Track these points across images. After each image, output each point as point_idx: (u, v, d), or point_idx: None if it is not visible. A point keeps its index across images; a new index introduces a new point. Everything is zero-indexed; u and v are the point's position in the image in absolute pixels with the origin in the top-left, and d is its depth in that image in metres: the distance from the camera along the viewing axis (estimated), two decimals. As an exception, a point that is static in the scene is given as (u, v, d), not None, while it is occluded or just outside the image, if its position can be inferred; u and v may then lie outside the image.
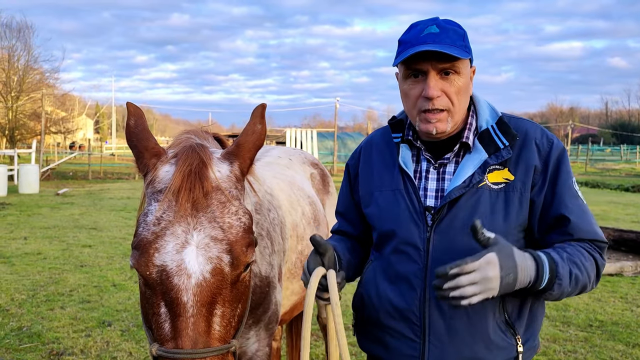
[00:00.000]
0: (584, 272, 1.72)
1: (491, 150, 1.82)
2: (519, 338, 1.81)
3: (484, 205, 1.78)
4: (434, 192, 1.86)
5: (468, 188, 1.78)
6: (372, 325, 1.96)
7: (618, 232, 9.68)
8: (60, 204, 15.43)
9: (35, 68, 33.40)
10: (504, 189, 1.79)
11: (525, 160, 1.81)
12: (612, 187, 22.85)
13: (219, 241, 1.56)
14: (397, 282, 1.86)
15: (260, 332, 2.43)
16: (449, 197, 1.79)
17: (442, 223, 1.81)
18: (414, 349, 1.83)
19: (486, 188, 1.79)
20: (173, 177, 1.61)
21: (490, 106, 1.92)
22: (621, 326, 5.63)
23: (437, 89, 1.76)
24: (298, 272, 2.85)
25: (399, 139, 1.95)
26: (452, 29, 1.79)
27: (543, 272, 1.64)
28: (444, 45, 1.72)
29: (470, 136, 1.86)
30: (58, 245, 9.47)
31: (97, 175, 26.73)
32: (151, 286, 1.55)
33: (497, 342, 1.79)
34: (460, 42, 1.77)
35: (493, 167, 1.81)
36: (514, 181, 1.80)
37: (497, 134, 1.84)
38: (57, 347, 4.94)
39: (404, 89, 1.86)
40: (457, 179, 1.81)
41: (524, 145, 1.83)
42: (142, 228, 1.58)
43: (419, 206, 1.85)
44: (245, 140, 1.78)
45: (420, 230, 1.83)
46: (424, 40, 1.75)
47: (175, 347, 1.49)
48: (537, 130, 1.87)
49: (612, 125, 74.01)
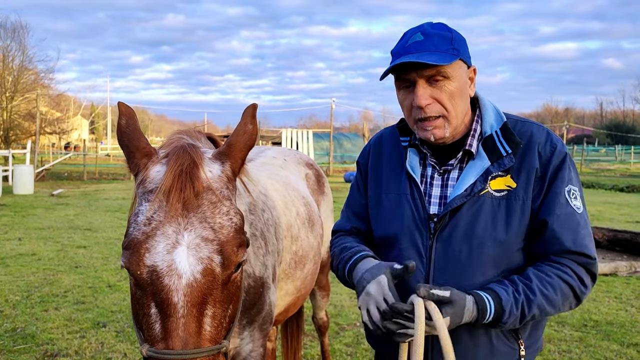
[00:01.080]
0: (544, 301, 1.71)
1: (494, 158, 1.81)
2: (521, 342, 1.82)
3: (485, 213, 1.78)
4: (438, 198, 1.86)
5: (470, 197, 1.78)
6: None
7: (612, 232, 9.72)
8: (55, 204, 15.38)
9: (30, 68, 33.18)
10: (506, 197, 1.78)
11: (528, 167, 1.80)
12: (606, 188, 22.94)
13: (210, 241, 1.55)
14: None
15: (254, 332, 2.43)
16: (450, 206, 1.79)
17: (444, 231, 1.81)
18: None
19: (488, 196, 1.78)
20: (164, 177, 1.61)
21: (495, 109, 1.90)
22: (616, 326, 5.65)
23: (426, 97, 1.75)
24: (292, 273, 2.84)
25: (407, 143, 1.95)
26: (437, 34, 1.77)
27: (486, 310, 1.67)
28: (424, 53, 1.72)
29: (474, 143, 1.85)
30: (53, 246, 9.43)
31: (92, 176, 26.65)
32: (142, 286, 1.54)
33: (499, 348, 1.80)
34: (447, 46, 1.75)
35: (495, 174, 1.80)
36: (516, 189, 1.79)
37: (500, 141, 1.82)
38: (52, 348, 4.92)
39: (399, 99, 1.87)
40: (459, 187, 1.80)
41: (527, 151, 1.81)
42: (132, 228, 1.57)
43: (423, 213, 1.85)
44: (236, 140, 1.78)
45: (423, 237, 1.83)
46: (408, 50, 1.75)
47: (165, 348, 1.48)
48: (542, 135, 1.84)
49: (607, 126, 74.15)
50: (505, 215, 1.77)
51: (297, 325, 4.24)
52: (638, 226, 11.91)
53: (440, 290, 1.63)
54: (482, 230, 1.76)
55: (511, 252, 1.79)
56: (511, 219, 1.77)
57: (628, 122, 77.02)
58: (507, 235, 1.76)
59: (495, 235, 1.75)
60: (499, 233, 1.76)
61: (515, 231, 1.77)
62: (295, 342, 4.24)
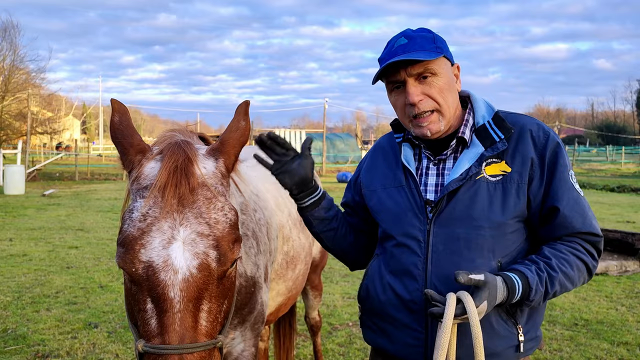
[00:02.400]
0: (563, 277, 1.81)
1: (487, 143, 1.88)
2: (520, 327, 1.87)
3: (481, 196, 1.84)
4: (434, 186, 1.93)
5: (465, 180, 1.84)
6: (376, 316, 2.01)
7: (603, 232, 9.69)
8: (47, 205, 15.30)
9: (21, 68, 32.98)
10: (502, 181, 1.85)
11: (522, 152, 1.87)
12: (597, 188, 23.07)
13: (206, 237, 1.56)
14: (400, 274, 1.92)
15: (246, 332, 2.43)
16: (446, 189, 1.86)
17: (441, 215, 1.87)
18: (417, 339, 1.88)
19: (484, 180, 1.85)
20: (159, 174, 1.61)
21: (487, 103, 2.00)
22: (606, 325, 5.69)
23: (418, 94, 1.86)
24: (284, 273, 2.85)
25: (401, 138, 2.04)
26: (420, 36, 1.89)
27: (515, 290, 1.75)
28: (411, 52, 1.83)
29: (467, 132, 1.93)
30: (44, 247, 9.38)
31: (84, 176, 26.52)
32: (137, 282, 1.55)
33: (498, 331, 1.84)
34: (430, 45, 1.87)
35: (490, 160, 1.87)
36: (511, 173, 1.86)
37: (492, 128, 1.91)
38: (43, 349, 4.89)
39: (391, 101, 1.96)
40: (454, 172, 1.87)
41: (520, 137, 1.89)
42: (127, 224, 1.58)
43: (419, 200, 1.92)
44: (229, 136, 1.79)
45: (421, 222, 1.90)
46: (394, 53, 1.87)
47: (162, 343, 1.49)
48: (533, 124, 1.94)
49: (598, 127, 74.66)
50: (502, 197, 1.84)
51: (289, 325, 4.25)
52: (629, 226, 12.00)
53: (475, 274, 1.70)
54: (479, 212, 1.83)
55: (506, 234, 1.86)
56: (507, 201, 1.84)
57: (619, 122, 77.60)
58: (504, 217, 1.83)
59: (492, 217, 1.82)
60: (496, 215, 1.83)
61: (511, 213, 1.84)
62: (288, 342, 4.25)
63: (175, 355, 1.48)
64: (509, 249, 1.87)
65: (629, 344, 5.17)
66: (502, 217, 1.83)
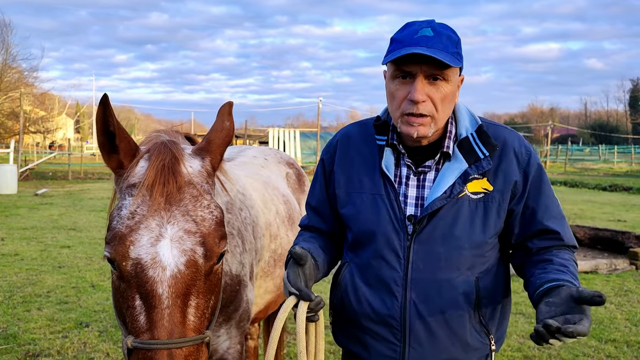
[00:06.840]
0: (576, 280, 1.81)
1: (471, 160, 1.82)
2: (492, 337, 1.87)
3: (464, 216, 1.81)
4: (414, 199, 1.86)
5: (449, 199, 1.80)
6: (351, 325, 1.97)
7: (594, 231, 9.86)
8: (39, 204, 15.24)
9: (13, 67, 32.82)
10: (483, 199, 1.82)
11: (504, 170, 1.84)
12: (590, 187, 23.21)
13: (193, 234, 1.60)
14: (377, 288, 1.87)
15: (231, 330, 2.45)
16: (430, 207, 1.80)
17: (422, 233, 1.82)
18: (393, 351, 1.86)
19: (466, 198, 1.81)
20: (146, 172, 1.65)
21: (470, 113, 1.92)
22: (594, 322, 5.74)
23: (423, 94, 1.74)
24: (271, 271, 2.87)
25: (384, 142, 1.91)
26: (447, 35, 1.76)
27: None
28: (436, 50, 1.70)
29: (451, 144, 1.86)
30: (36, 246, 9.36)
31: (77, 176, 26.41)
32: (126, 279, 1.57)
33: (473, 344, 1.85)
34: (453, 49, 1.75)
35: (472, 177, 1.82)
36: (492, 192, 1.83)
37: (477, 143, 1.85)
38: (34, 348, 4.89)
39: (390, 88, 1.83)
40: (437, 189, 1.81)
41: (503, 155, 1.86)
42: (116, 222, 1.61)
43: (399, 214, 1.84)
44: (214, 136, 1.83)
45: (400, 238, 1.83)
46: (417, 42, 1.72)
47: (151, 338, 1.52)
48: (515, 140, 1.89)
49: (591, 126, 74.98)
50: (483, 217, 1.82)
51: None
52: (619, 225, 12.10)
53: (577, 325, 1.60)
54: (460, 232, 1.80)
55: (485, 252, 1.85)
56: (488, 220, 1.82)
57: (612, 122, 77.97)
58: (484, 236, 1.82)
59: (473, 237, 1.80)
60: (477, 235, 1.81)
61: (491, 232, 1.84)
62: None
63: (164, 349, 1.51)
64: (486, 265, 1.87)
65: (617, 342, 5.23)
66: (483, 237, 1.82)
